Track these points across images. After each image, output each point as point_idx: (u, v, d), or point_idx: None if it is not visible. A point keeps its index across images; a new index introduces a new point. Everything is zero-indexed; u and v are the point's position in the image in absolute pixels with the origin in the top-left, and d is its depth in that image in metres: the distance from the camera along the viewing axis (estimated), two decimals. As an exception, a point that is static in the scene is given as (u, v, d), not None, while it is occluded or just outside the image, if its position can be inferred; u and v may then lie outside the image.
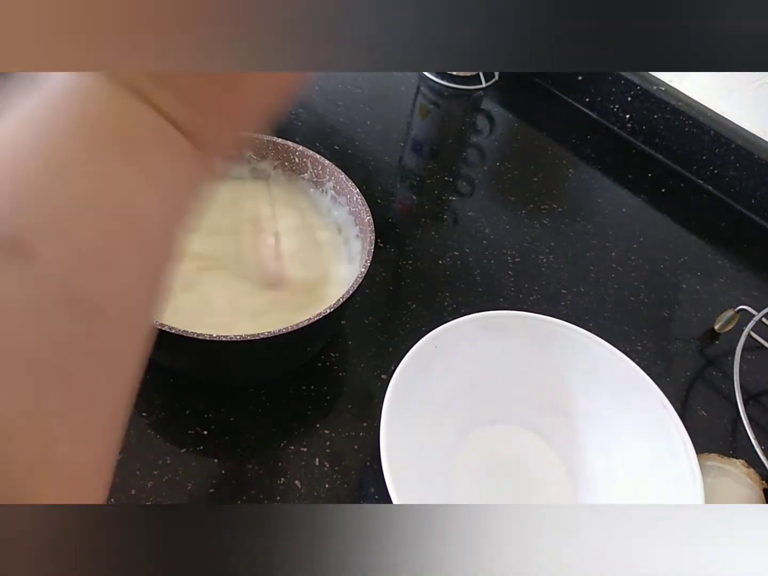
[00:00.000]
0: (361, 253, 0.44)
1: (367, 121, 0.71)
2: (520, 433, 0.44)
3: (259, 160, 0.49)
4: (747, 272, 0.64)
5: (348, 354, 0.49)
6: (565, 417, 0.43)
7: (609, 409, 0.42)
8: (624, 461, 0.40)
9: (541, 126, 0.77)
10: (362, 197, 0.45)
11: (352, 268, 0.45)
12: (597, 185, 0.71)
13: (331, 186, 0.48)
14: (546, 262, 0.60)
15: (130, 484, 0.39)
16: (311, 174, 0.49)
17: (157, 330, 0.35)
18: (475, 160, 0.72)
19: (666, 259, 0.63)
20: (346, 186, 0.46)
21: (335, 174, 0.47)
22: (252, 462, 0.42)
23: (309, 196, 0.49)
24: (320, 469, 0.42)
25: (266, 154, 0.48)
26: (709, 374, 0.53)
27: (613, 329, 0.55)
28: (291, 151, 0.48)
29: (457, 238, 0.60)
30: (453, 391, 0.42)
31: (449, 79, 0.79)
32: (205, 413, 0.43)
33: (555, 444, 0.43)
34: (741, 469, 0.42)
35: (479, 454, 0.43)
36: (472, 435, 0.43)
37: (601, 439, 0.42)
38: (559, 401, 0.43)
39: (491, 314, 0.42)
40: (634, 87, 0.74)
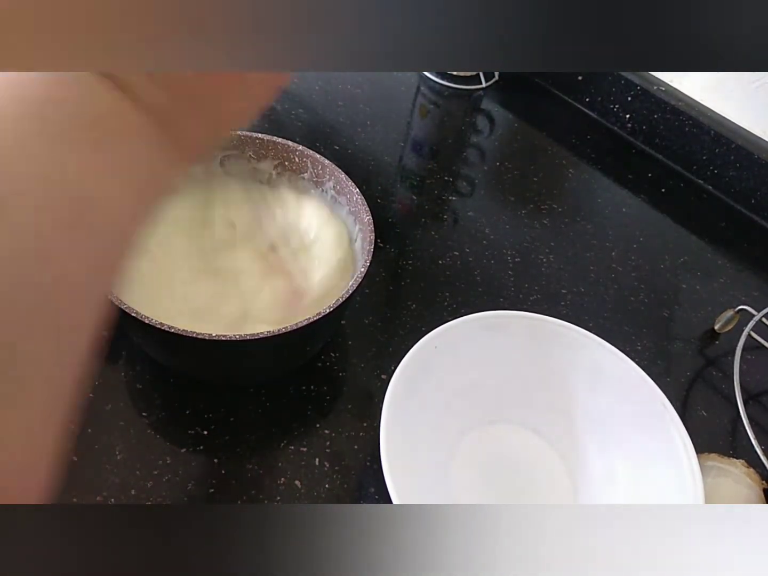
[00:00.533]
0: (360, 253, 0.44)
1: (367, 121, 0.71)
2: (520, 433, 0.44)
3: (259, 160, 0.49)
4: (747, 272, 0.64)
5: (348, 354, 0.49)
6: (565, 417, 0.43)
7: (609, 409, 0.42)
8: (624, 461, 0.40)
9: (541, 126, 0.77)
10: (362, 197, 0.45)
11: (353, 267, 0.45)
12: (597, 185, 0.71)
13: (332, 186, 0.48)
14: (546, 262, 0.60)
15: (130, 484, 0.39)
16: (311, 174, 0.49)
17: (159, 329, 0.35)
18: (475, 160, 0.72)
19: (666, 259, 0.63)
20: (346, 186, 0.46)
21: (335, 174, 0.47)
22: (252, 462, 0.42)
23: (310, 195, 0.49)
24: (320, 469, 0.42)
25: (266, 154, 0.48)
26: (709, 374, 0.53)
27: (613, 329, 0.55)
28: (291, 151, 0.48)
29: (457, 238, 0.60)
30: (453, 391, 0.42)
31: (449, 79, 0.79)
32: (205, 413, 0.43)
33: (555, 444, 0.43)
34: (741, 469, 0.42)
35: (479, 454, 0.43)
36: (472, 435, 0.43)
37: (601, 439, 0.42)
38: (559, 401, 0.43)
39: (491, 314, 0.42)
40: (634, 87, 0.74)
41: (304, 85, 0.74)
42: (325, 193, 0.48)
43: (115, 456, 0.40)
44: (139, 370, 0.45)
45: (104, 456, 0.40)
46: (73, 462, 0.39)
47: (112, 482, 0.39)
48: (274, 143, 0.48)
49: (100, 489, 0.39)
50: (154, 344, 0.42)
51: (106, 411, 0.42)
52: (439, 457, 0.41)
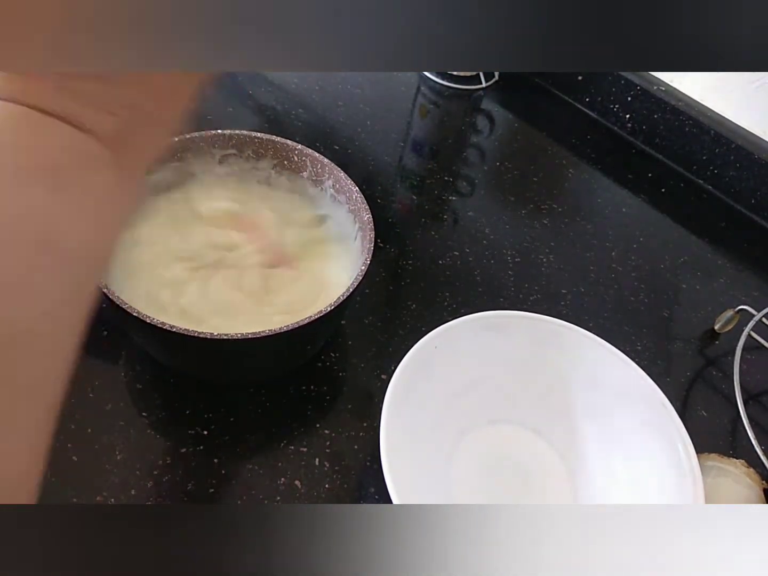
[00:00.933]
0: (360, 252, 0.44)
1: (367, 121, 0.71)
2: (520, 432, 0.44)
3: (258, 159, 0.49)
4: (747, 272, 0.64)
5: (348, 354, 0.49)
6: (565, 417, 0.43)
7: (609, 409, 0.42)
8: (623, 461, 0.40)
9: (541, 126, 0.77)
10: (362, 196, 0.45)
11: (352, 267, 0.45)
12: (597, 185, 0.71)
13: (331, 184, 0.48)
14: (546, 262, 0.60)
15: (130, 484, 0.39)
16: (310, 173, 0.49)
17: (159, 329, 0.35)
18: (475, 160, 0.72)
19: (666, 259, 0.63)
20: (346, 184, 0.46)
21: (334, 172, 0.47)
22: (252, 462, 0.42)
23: (309, 195, 0.49)
24: (320, 469, 0.42)
25: (265, 153, 0.48)
26: (709, 374, 0.53)
27: (613, 329, 0.55)
28: (290, 150, 0.48)
29: (457, 238, 0.60)
30: (453, 391, 0.42)
31: (449, 79, 0.79)
32: (205, 413, 0.43)
33: (555, 444, 0.43)
34: (741, 469, 0.42)
35: (479, 454, 0.43)
36: (472, 435, 0.43)
37: (601, 439, 0.42)
38: (559, 401, 0.43)
39: (491, 314, 0.42)
40: (634, 87, 0.74)
41: (304, 85, 0.74)
42: (324, 191, 0.48)
43: (115, 456, 0.40)
44: (139, 370, 0.45)
45: (104, 456, 0.40)
46: (73, 462, 0.39)
47: (112, 482, 0.39)
48: (273, 142, 0.48)
49: (100, 489, 0.39)
50: (155, 344, 0.42)
51: (106, 411, 0.42)
52: (439, 456, 0.41)
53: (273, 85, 0.73)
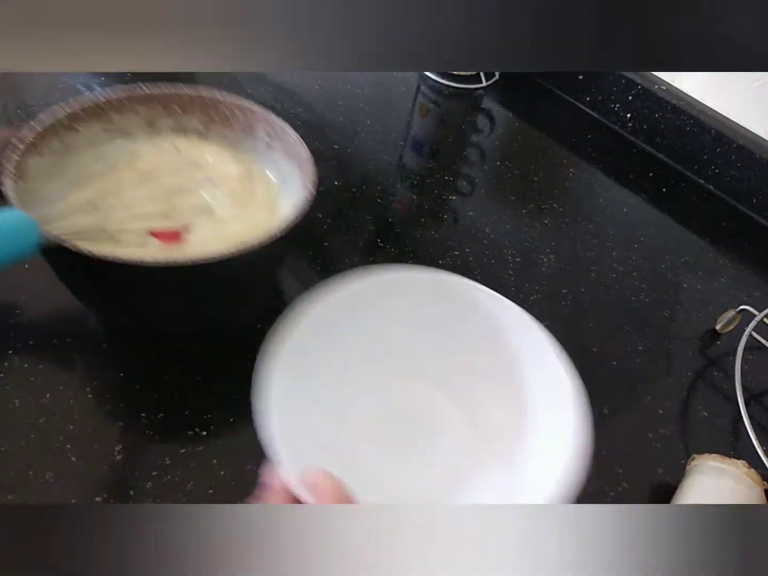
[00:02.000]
0: (302, 186, 0.43)
1: (367, 121, 0.71)
2: (424, 389, 0.43)
3: (185, 115, 0.47)
4: (748, 272, 0.64)
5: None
6: (469, 372, 0.42)
7: (508, 362, 0.41)
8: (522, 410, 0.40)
9: (541, 125, 0.77)
10: (298, 137, 0.44)
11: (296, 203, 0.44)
12: (598, 185, 0.71)
13: (265, 133, 0.47)
14: (546, 262, 0.60)
15: (130, 485, 0.39)
16: (242, 124, 0.47)
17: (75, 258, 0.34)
18: (475, 159, 0.71)
19: (667, 259, 0.63)
20: (280, 128, 0.45)
21: (267, 119, 0.46)
22: (252, 462, 0.42)
23: (244, 145, 0.48)
24: (320, 469, 0.42)
25: (194, 110, 0.47)
26: (711, 374, 0.53)
27: (613, 329, 0.55)
28: (217, 103, 0.47)
29: (457, 237, 0.60)
30: (353, 350, 0.41)
31: (449, 78, 0.79)
32: (205, 413, 0.43)
33: (460, 400, 0.43)
34: (742, 469, 0.41)
35: (380, 410, 0.42)
36: (373, 393, 0.42)
37: (504, 393, 0.41)
38: (462, 357, 0.43)
39: (392, 274, 0.41)
40: (635, 86, 0.74)
41: (304, 85, 0.74)
42: (258, 140, 0.47)
43: (115, 456, 0.40)
44: (138, 370, 0.45)
45: (104, 456, 0.40)
46: (73, 462, 0.39)
47: (112, 482, 0.39)
48: (201, 97, 0.47)
49: (100, 489, 0.39)
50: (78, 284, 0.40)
51: (106, 411, 0.42)
52: (335, 413, 0.40)
53: (273, 85, 0.73)
